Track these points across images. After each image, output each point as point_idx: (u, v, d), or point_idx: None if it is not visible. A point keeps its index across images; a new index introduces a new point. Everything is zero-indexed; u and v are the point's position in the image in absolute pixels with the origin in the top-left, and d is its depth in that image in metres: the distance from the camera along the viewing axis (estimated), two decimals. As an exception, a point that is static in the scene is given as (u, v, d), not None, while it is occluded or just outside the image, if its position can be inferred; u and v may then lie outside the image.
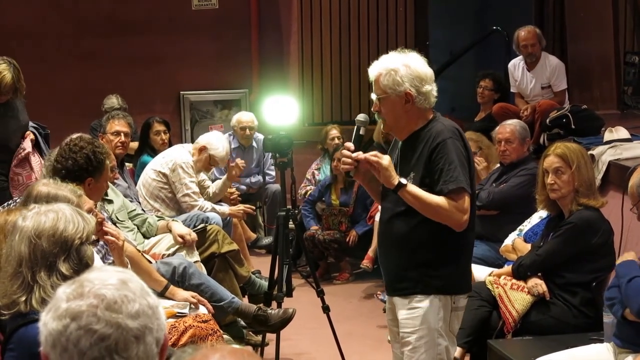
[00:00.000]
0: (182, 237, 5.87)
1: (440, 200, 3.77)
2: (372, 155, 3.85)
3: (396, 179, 3.79)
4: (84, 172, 4.80)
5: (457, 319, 3.95)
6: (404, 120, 3.90)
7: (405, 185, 3.79)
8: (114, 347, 1.93)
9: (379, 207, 4.62)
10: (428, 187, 3.81)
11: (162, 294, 4.95)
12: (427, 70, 3.89)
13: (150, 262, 5.43)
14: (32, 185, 4.02)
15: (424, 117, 3.91)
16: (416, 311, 3.87)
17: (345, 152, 3.95)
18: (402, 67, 3.84)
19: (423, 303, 3.86)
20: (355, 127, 4.03)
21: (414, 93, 3.83)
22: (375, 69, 3.91)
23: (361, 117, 4.04)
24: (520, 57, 8.37)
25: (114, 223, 5.57)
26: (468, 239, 3.96)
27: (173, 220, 6.31)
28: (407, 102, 3.85)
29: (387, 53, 3.97)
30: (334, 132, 8.98)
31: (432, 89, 3.89)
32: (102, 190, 4.95)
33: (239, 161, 7.65)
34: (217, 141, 7.26)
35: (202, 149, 7.17)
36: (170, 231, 6.00)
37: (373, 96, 3.94)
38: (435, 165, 3.79)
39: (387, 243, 4.03)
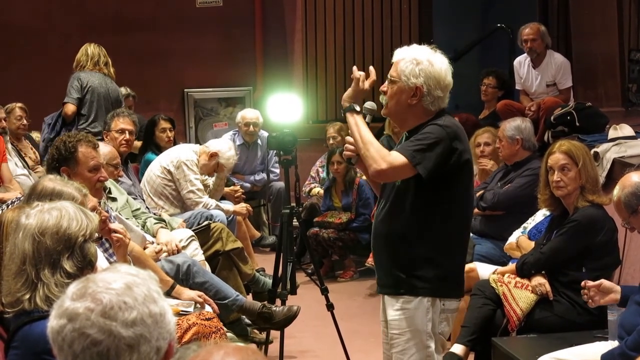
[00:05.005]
0: (161, 244, 5.72)
1: (376, 142, 3.75)
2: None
3: (357, 106, 3.83)
4: (56, 162, 4.82)
5: (446, 321, 3.86)
6: (404, 111, 3.84)
7: (358, 112, 3.82)
8: (106, 354, 1.94)
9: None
10: (416, 177, 3.73)
11: (168, 294, 4.94)
12: (447, 78, 3.81)
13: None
14: (38, 180, 4.02)
15: (426, 114, 3.83)
16: (404, 312, 3.82)
17: (349, 138, 3.92)
18: (425, 61, 3.78)
19: (411, 304, 3.80)
20: (362, 114, 3.98)
21: (424, 90, 3.76)
22: (401, 53, 3.86)
23: (368, 104, 3.98)
24: (526, 54, 8.36)
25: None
26: (456, 241, 3.87)
27: (173, 219, 6.31)
28: (414, 95, 3.78)
29: (391, 51, 3.92)
30: (331, 130, 8.97)
31: (444, 97, 3.81)
32: (89, 181, 4.74)
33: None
34: (229, 152, 7.33)
35: (214, 155, 7.19)
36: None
37: (386, 83, 3.88)
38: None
39: (377, 240, 3.98)
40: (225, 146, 7.44)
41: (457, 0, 13.10)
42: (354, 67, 3.97)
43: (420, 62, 3.78)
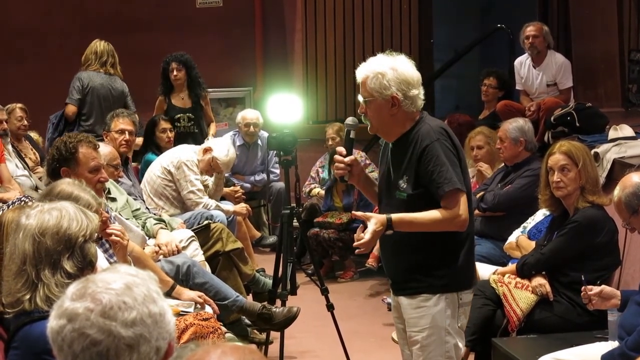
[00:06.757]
0: (159, 246, 5.72)
1: (433, 215, 3.77)
2: (359, 242, 3.79)
3: (385, 222, 3.77)
4: (56, 162, 4.83)
5: (464, 314, 3.95)
6: (390, 123, 3.88)
7: (393, 226, 3.77)
8: (105, 354, 1.94)
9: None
10: (425, 189, 3.80)
11: (168, 294, 4.94)
12: (414, 74, 3.86)
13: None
14: (57, 182, 4.01)
15: (411, 119, 3.88)
16: (423, 310, 3.88)
17: (337, 157, 3.97)
18: (389, 70, 3.81)
19: (430, 302, 3.87)
20: (345, 130, 4.04)
21: (400, 97, 3.81)
22: (363, 72, 3.88)
23: (350, 120, 4.05)
24: (526, 54, 8.36)
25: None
26: (467, 234, 3.93)
27: (173, 219, 6.31)
28: (393, 105, 3.82)
29: (391, 51, 3.95)
30: (330, 131, 8.98)
31: (419, 92, 3.86)
32: (90, 182, 4.68)
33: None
34: (223, 147, 7.27)
35: (207, 150, 7.17)
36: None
37: (360, 98, 3.92)
38: (426, 168, 3.77)
39: (388, 245, 4.03)
40: (220, 142, 7.42)
41: (457, 0, 13.10)
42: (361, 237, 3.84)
43: (385, 73, 3.81)
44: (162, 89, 8.77)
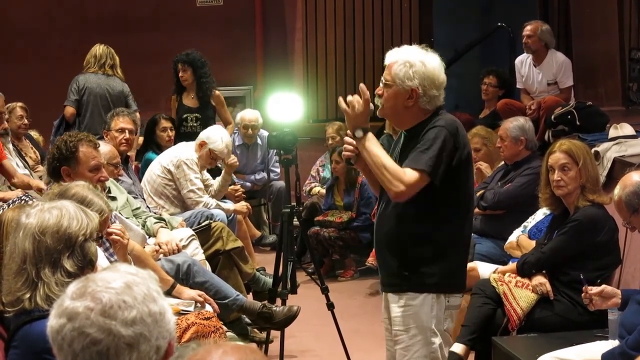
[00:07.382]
0: (159, 244, 5.71)
1: (390, 163, 3.75)
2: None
3: (360, 130, 3.82)
4: (57, 161, 4.83)
5: (450, 317, 3.89)
6: (401, 113, 3.87)
7: (365, 136, 3.80)
8: (105, 353, 1.94)
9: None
10: None
11: (168, 293, 4.94)
12: (441, 76, 3.83)
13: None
14: (71, 184, 4.01)
15: (424, 113, 3.85)
16: (409, 309, 3.84)
17: (347, 139, 3.95)
18: (418, 62, 3.79)
19: (416, 301, 3.83)
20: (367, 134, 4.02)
21: (420, 92, 3.78)
22: (393, 56, 3.86)
23: None
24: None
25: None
26: (462, 237, 3.90)
27: (174, 218, 6.31)
28: (410, 97, 3.80)
29: (391, 49, 3.93)
30: (330, 130, 8.97)
31: (439, 95, 3.83)
32: (90, 180, 4.65)
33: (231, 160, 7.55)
34: (216, 135, 7.22)
35: (202, 144, 7.15)
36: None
37: (382, 81, 3.89)
38: (417, 142, 3.76)
39: (380, 239, 4.01)
40: (212, 131, 7.34)
41: (458, -1, 13.11)
42: (340, 100, 3.95)
43: (414, 64, 3.79)
44: (174, 89, 8.84)
